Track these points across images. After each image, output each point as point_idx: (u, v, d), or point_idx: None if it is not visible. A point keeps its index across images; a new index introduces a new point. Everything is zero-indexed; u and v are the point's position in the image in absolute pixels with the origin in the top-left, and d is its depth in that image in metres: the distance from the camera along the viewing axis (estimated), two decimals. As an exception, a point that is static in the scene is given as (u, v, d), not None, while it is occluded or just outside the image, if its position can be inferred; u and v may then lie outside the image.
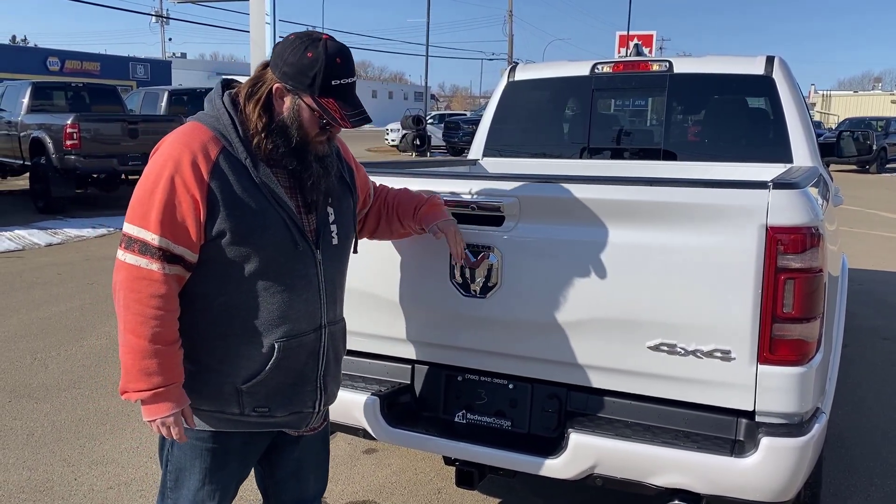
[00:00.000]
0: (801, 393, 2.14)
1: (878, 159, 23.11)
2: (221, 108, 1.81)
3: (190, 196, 1.70)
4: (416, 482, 3.50)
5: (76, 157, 11.28)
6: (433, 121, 31.47)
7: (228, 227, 1.73)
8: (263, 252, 1.78)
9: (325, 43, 1.77)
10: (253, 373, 1.84)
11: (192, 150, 1.72)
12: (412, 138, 27.72)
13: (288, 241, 1.81)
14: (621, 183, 2.25)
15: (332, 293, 1.96)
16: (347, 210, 2.02)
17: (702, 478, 2.16)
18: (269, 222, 1.78)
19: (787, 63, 4.03)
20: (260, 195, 1.77)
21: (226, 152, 1.75)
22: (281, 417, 1.93)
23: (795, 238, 2.06)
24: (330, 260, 1.93)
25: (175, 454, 1.94)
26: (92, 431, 4.03)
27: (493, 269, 2.39)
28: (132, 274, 1.71)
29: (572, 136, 4.54)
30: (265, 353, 1.84)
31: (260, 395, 1.87)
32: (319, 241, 1.90)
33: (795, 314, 2.10)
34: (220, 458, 1.93)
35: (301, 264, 1.85)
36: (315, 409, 1.98)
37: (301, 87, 1.76)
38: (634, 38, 28.42)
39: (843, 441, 3.94)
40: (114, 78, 25.40)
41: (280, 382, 1.88)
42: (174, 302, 1.75)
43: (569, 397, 2.44)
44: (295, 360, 1.89)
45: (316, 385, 1.96)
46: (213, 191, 1.72)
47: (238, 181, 1.75)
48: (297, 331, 1.87)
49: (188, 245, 1.73)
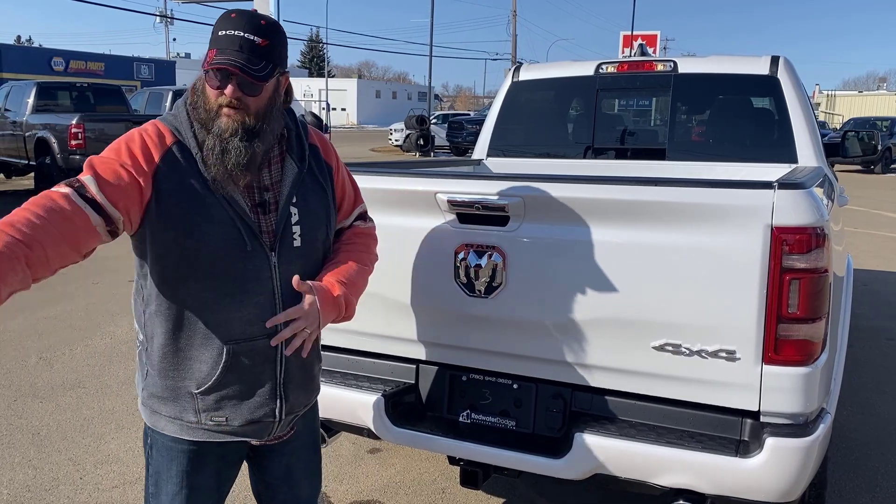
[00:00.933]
0: (807, 393, 2.13)
1: (883, 159, 23.05)
2: (181, 105, 1.80)
3: (136, 162, 1.67)
4: (420, 482, 3.51)
5: (81, 157, 11.29)
6: (437, 121, 31.49)
7: (172, 216, 1.69)
8: (208, 250, 1.72)
9: (238, 9, 1.75)
10: (205, 376, 1.79)
11: (147, 133, 1.72)
12: (416, 138, 27.74)
13: (235, 240, 1.74)
14: (626, 183, 2.25)
15: (293, 297, 1.82)
16: (317, 209, 1.90)
17: (706, 478, 2.16)
18: (214, 218, 1.72)
19: (792, 63, 4.02)
20: (207, 191, 1.72)
21: (179, 144, 1.73)
22: (238, 427, 1.85)
23: (801, 238, 2.06)
24: (290, 262, 1.82)
25: (154, 457, 1.90)
26: (97, 430, 4.04)
27: (498, 270, 2.39)
28: (46, 193, 1.62)
29: (576, 136, 4.53)
30: (215, 356, 1.78)
31: (214, 402, 1.81)
32: (276, 242, 1.80)
33: (801, 314, 2.10)
34: (195, 462, 1.88)
35: (251, 266, 1.76)
36: (275, 417, 1.88)
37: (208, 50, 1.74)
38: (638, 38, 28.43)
39: (847, 442, 3.93)
40: (118, 78, 25.48)
41: (233, 388, 1.81)
42: (51, 215, 1.56)
43: (573, 397, 2.44)
44: (248, 366, 1.81)
45: (275, 393, 1.86)
46: (161, 173, 1.69)
47: (187, 173, 1.72)
48: (248, 335, 1.79)
49: (112, 199, 1.64)
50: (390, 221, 2.54)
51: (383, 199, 2.56)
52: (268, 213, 1.80)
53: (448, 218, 2.47)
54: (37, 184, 12.32)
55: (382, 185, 2.57)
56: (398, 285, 2.57)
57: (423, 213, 2.51)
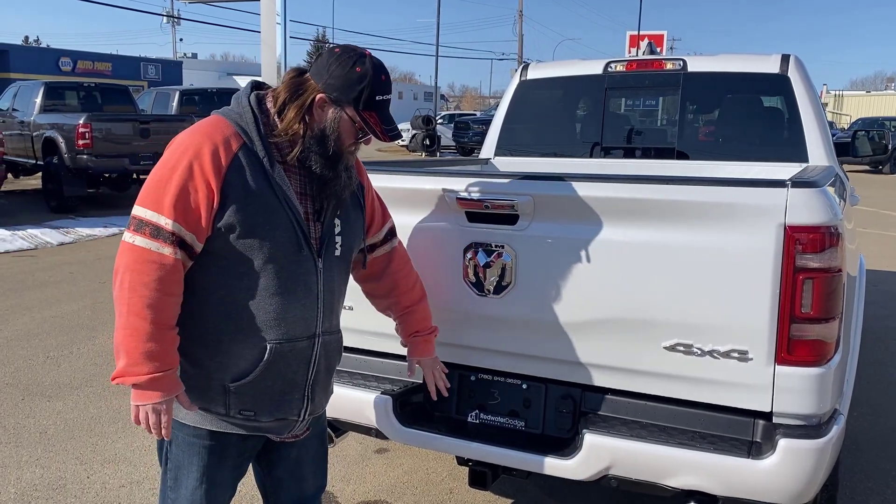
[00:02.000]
0: (820, 394, 2.11)
1: (892, 160, 22.91)
2: (247, 105, 1.84)
3: (206, 184, 1.72)
4: (427, 482, 3.49)
5: (88, 157, 11.33)
6: (443, 121, 31.50)
7: (237, 220, 1.75)
8: (267, 250, 1.79)
9: (372, 60, 1.83)
10: (243, 372, 1.84)
11: (213, 141, 1.75)
12: (422, 138, 27.71)
13: (292, 243, 1.82)
14: (636, 181, 2.22)
15: (330, 303, 1.95)
16: (355, 224, 2.03)
17: (718, 479, 2.13)
18: (277, 222, 1.79)
19: (803, 61, 3.99)
20: (272, 194, 1.79)
21: (246, 147, 1.78)
22: (265, 423, 1.92)
23: (814, 237, 2.04)
24: (331, 270, 1.94)
25: (174, 452, 1.94)
26: (104, 430, 4.04)
27: (507, 269, 2.37)
28: (141, 256, 1.71)
29: (585, 135, 4.51)
30: (257, 353, 1.83)
31: (247, 398, 1.86)
32: (322, 249, 1.90)
33: (814, 314, 2.07)
34: (217, 456, 1.92)
35: (302, 269, 1.86)
36: (300, 417, 1.97)
37: (346, 99, 1.80)
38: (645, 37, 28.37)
39: (859, 444, 3.90)
40: (125, 78, 25.52)
41: (268, 386, 1.87)
42: (179, 287, 1.76)
43: (583, 398, 2.42)
44: (285, 365, 1.88)
45: (304, 393, 1.94)
46: (229, 182, 1.74)
47: (254, 177, 1.77)
48: (292, 335, 1.86)
49: (196, 233, 1.74)
50: (399, 220, 2.51)
51: (392, 198, 2.53)
52: (316, 221, 1.90)
53: (457, 216, 2.46)
54: (44, 183, 12.34)
55: (391, 183, 2.55)
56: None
57: (432, 211, 2.49)
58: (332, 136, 1.83)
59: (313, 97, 1.82)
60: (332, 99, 1.81)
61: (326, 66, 1.81)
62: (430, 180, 2.49)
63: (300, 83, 1.84)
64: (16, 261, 8.42)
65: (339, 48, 1.85)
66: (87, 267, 8.07)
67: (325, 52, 1.87)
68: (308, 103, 1.82)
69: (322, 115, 1.83)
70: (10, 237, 9.55)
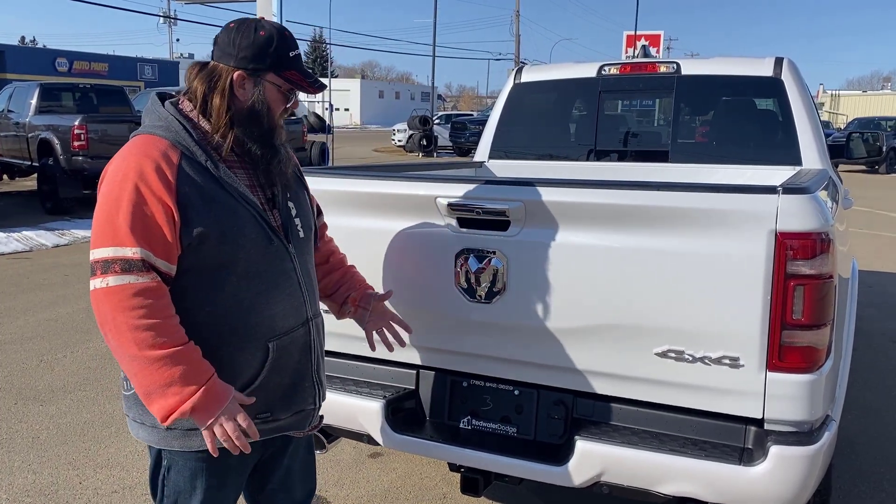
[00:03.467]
0: (811, 400, 2.11)
1: (888, 160, 22.96)
2: (167, 115, 1.76)
3: (160, 203, 1.63)
4: (421, 487, 3.48)
5: (84, 158, 11.30)
6: (440, 121, 31.48)
7: (204, 231, 1.68)
8: (242, 252, 1.74)
9: (268, 22, 1.81)
10: (250, 379, 1.80)
11: (152, 158, 1.66)
12: (419, 139, 27.74)
13: (262, 237, 1.78)
14: (628, 187, 2.22)
15: (310, 285, 1.95)
16: (305, 203, 2.01)
17: (710, 486, 2.13)
18: (241, 221, 1.74)
19: (796, 64, 3.99)
20: (227, 195, 1.73)
21: (185, 157, 1.70)
22: (285, 419, 1.90)
23: (805, 244, 2.03)
24: (301, 253, 1.92)
25: (172, 479, 1.85)
26: (97, 434, 4.03)
27: (499, 275, 2.37)
28: (123, 294, 1.60)
29: (579, 137, 4.50)
30: (260, 356, 1.80)
31: (260, 401, 1.82)
32: (289, 234, 1.88)
33: (805, 321, 2.07)
34: (219, 477, 1.87)
35: (278, 259, 1.83)
36: (316, 404, 1.97)
37: (263, 66, 1.77)
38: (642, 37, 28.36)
39: (852, 446, 3.90)
40: (122, 79, 25.50)
41: (278, 384, 1.85)
42: (172, 307, 1.67)
43: (575, 404, 2.41)
44: (289, 358, 1.86)
45: (313, 380, 1.95)
46: (183, 195, 1.66)
47: (204, 183, 1.70)
48: (288, 327, 1.84)
49: (166, 256, 1.65)
50: (390, 225, 2.52)
51: (384, 203, 2.54)
52: (274, 208, 1.87)
53: (448, 222, 2.45)
54: (39, 185, 12.31)
55: (383, 189, 2.55)
56: (398, 290, 2.54)
57: (424, 217, 2.49)
58: (263, 108, 1.78)
59: (230, 78, 1.76)
60: (249, 72, 1.76)
61: (230, 43, 1.76)
62: (421, 186, 2.49)
63: (211, 72, 1.78)
64: (10, 263, 8.39)
65: (233, 23, 1.80)
66: (82, 269, 8.05)
67: (222, 33, 1.80)
68: (228, 87, 1.76)
69: (245, 93, 1.78)
70: (5, 239, 9.53)
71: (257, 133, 1.79)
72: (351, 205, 2.59)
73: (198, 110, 1.79)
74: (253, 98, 1.78)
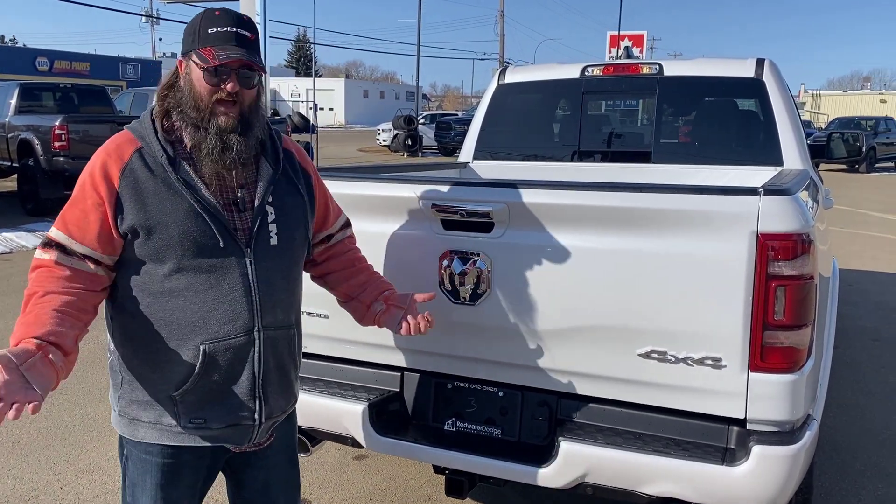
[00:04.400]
0: (793, 400, 2.12)
1: (868, 159, 23.22)
2: (147, 113, 1.84)
3: (96, 194, 1.72)
4: (406, 489, 3.48)
5: (65, 159, 11.18)
6: (425, 121, 31.44)
7: (138, 223, 1.72)
8: (180, 249, 1.73)
9: (212, 8, 1.81)
10: (183, 378, 1.79)
11: (106, 153, 1.76)
12: (403, 138, 27.69)
13: (207, 238, 1.75)
14: (611, 189, 2.22)
15: (270, 295, 1.84)
16: (294, 211, 1.93)
17: (693, 487, 2.14)
18: (183, 219, 1.73)
19: (777, 65, 4.02)
20: (175, 193, 1.73)
21: (140, 152, 1.76)
22: (218, 430, 1.84)
23: (786, 245, 2.05)
24: (267, 260, 1.84)
25: (129, 469, 1.89)
26: (79, 439, 3.99)
27: (483, 277, 2.37)
28: (32, 266, 1.74)
29: (563, 138, 4.52)
30: (192, 357, 1.77)
31: (194, 405, 1.81)
32: (251, 240, 1.81)
33: (786, 321, 2.08)
34: (170, 474, 1.86)
35: (226, 263, 1.77)
36: (255, 421, 1.86)
37: (188, 46, 1.79)
38: (625, 37, 28.46)
39: (834, 444, 3.93)
40: (103, 78, 25.28)
41: (212, 390, 1.81)
42: (65, 287, 1.69)
43: (559, 405, 2.42)
44: (225, 366, 1.80)
45: (253, 395, 1.84)
46: (123, 189, 1.72)
47: (152, 179, 1.74)
48: (224, 333, 1.78)
49: (93, 244, 1.73)
50: (374, 227, 2.51)
51: (368, 205, 2.53)
52: (242, 211, 1.82)
53: (432, 224, 2.44)
54: (20, 186, 12.18)
55: (367, 190, 2.54)
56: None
57: (408, 219, 2.48)
58: (186, 87, 1.77)
59: (176, 69, 1.83)
60: (184, 56, 1.79)
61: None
62: (405, 188, 2.48)
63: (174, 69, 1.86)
64: (-10, 265, 8.29)
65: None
66: (64, 271, 7.96)
67: None
68: (172, 77, 1.82)
69: (182, 80, 1.81)
70: (-15, 241, 9.42)
71: (184, 116, 1.78)
72: (334, 207, 2.57)
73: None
74: (184, 79, 1.80)
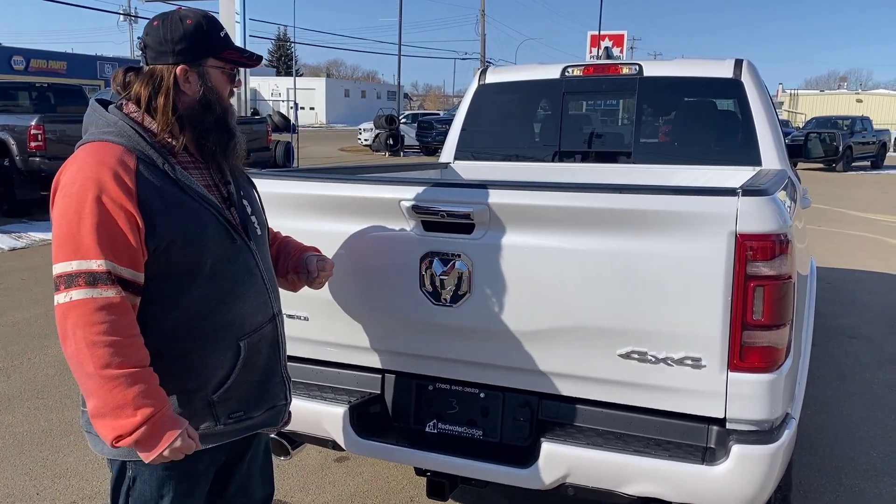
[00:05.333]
0: (772, 400, 2.14)
1: (844, 158, 23.51)
2: (117, 120, 1.72)
3: (123, 211, 1.60)
4: (388, 491, 3.47)
5: (41, 159, 11.03)
6: (406, 120, 31.39)
7: (170, 235, 1.66)
8: (207, 253, 1.73)
9: (188, 9, 1.81)
10: (222, 379, 1.79)
11: (109, 165, 1.62)
12: (385, 138, 27.63)
13: (225, 236, 1.78)
14: (591, 190, 2.23)
15: (272, 281, 1.96)
16: (257, 202, 2.01)
17: (673, 486, 2.15)
18: (204, 221, 1.73)
19: (756, 66, 4.05)
20: (186, 196, 1.71)
21: (142, 161, 1.67)
22: (258, 417, 1.90)
23: (765, 245, 2.06)
24: (261, 249, 1.93)
25: (138, 489, 1.80)
26: (55, 443, 3.93)
27: (464, 278, 2.36)
28: (87, 308, 1.55)
29: (544, 139, 4.53)
30: (231, 356, 1.80)
31: (232, 401, 1.83)
32: (248, 232, 1.87)
33: (765, 321, 2.10)
34: (187, 485, 1.83)
35: (242, 258, 1.83)
36: (286, 399, 1.98)
37: (203, 53, 1.77)
38: (606, 37, 28.58)
39: (812, 441, 3.97)
40: (81, 77, 25.03)
41: (249, 382, 1.85)
42: (136, 326, 1.64)
43: (540, 406, 2.42)
44: (259, 356, 1.87)
45: (282, 375, 1.97)
46: (144, 200, 1.63)
47: (164, 186, 1.68)
48: (257, 325, 1.85)
49: (133, 265, 1.62)
50: (355, 229, 2.50)
51: (348, 206, 2.51)
52: (231, 207, 1.86)
53: (413, 226, 2.44)
54: (-5, 186, 11.99)
55: (347, 192, 2.52)
56: (363, 294, 2.53)
57: (388, 220, 2.47)
58: (213, 96, 1.79)
59: (173, 75, 1.74)
60: (191, 64, 1.76)
61: (162, 40, 1.74)
62: (386, 189, 2.47)
63: (150, 74, 1.76)
64: (-35, 267, 8.16)
65: (156, 20, 1.79)
66: (40, 273, 7.85)
67: (149, 34, 1.77)
68: (172, 85, 1.74)
69: (191, 86, 1.76)
70: (-41, 243, 9.27)
71: (212, 121, 1.79)
72: (315, 208, 2.56)
73: (143, 112, 1.75)
74: (202, 88, 1.77)
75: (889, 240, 10.96)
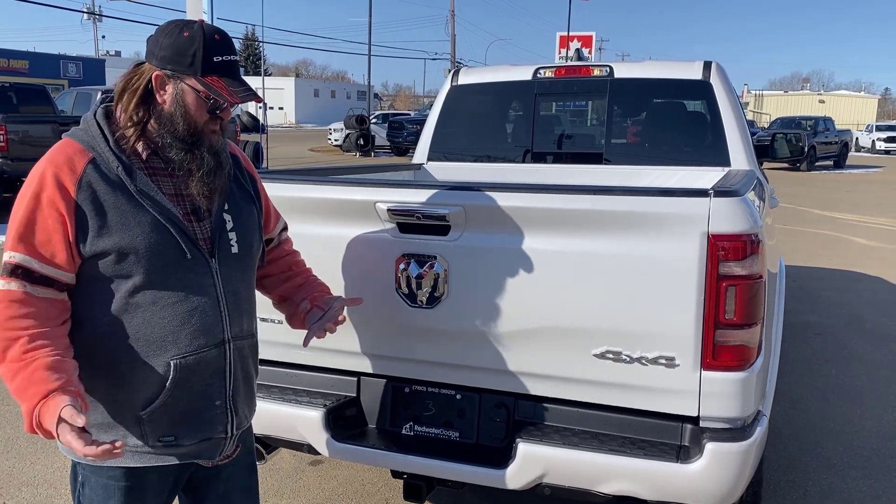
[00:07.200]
0: (744, 398, 2.17)
1: (808, 158, 24.00)
2: (91, 119, 1.73)
3: (56, 212, 1.61)
4: (363, 493, 3.45)
5: (3, 161, 10.80)
6: (377, 120, 31.28)
7: (104, 240, 1.63)
8: (146, 262, 1.67)
9: (201, 23, 1.73)
10: (151, 397, 1.71)
11: (56, 165, 1.64)
12: (356, 138, 27.52)
13: (173, 250, 1.69)
14: (565, 191, 2.24)
15: (237, 305, 1.83)
16: (249, 218, 1.90)
17: (649, 484, 2.17)
18: (148, 232, 1.66)
19: (724, 68, 4.11)
20: (136, 204, 1.66)
21: (94, 163, 1.66)
22: (190, 446, 1.78)
23: (736, 245, 2.09)
24: (230, 269, 1.81)
25: (87, 496, 1.78)
26: (22, 451, 3.85)
27: (440, 280, 2.36)
28: (2, 298, 1.61)
29: (516, 140, 4.55)
30: (161, 374, 1.70)
31: (163, 423, 1.73)
32: (215, 249, 1.77)
33: (737, 320, 2.13)
34: (135, 498, 1.78)
35: (193, 274, 1.73)
36: (227, 433, 1.84)
37: (182, 68, 1.68)
38: (574, 38, 28.79)
39: (780, 438, 4.04)
40: (44, 77, 24.50)
41: (184, 406, 1.74)
42: (45, 323, 1.62)
43: (517, 406, 2.43)
44: (197, 380, 1.75)
45: (225, 407, 1.81)
46: (82, 205, 1.62)
47: (110, 192, 1.65)
48: (195, 347, 1.73)
49: (58, 265, 1.63)
50: (330, 231, 2.49)
51: (323, 209, 2.50)
52: (201, 220, 1.77)
53: (388, 227, 2.43)
54: (-45, 189, 11.70)
55: (321, 194, 2.51)
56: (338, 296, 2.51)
57: (363, 222, 2.46)
58: (178, 111, 1.70)
59: (149, 78, 1.70)
60: (168, 74, 1.69)
61: (156, 42, 1.71)
62: (361, 191, 2.45)
63: (135, 72, 1.73)
64: (-76, 272, 7.95)
65: (169, 22, 1.75)
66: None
67: (154, 31, 1.75)
68: (144, 87, 1.70)
69: (164, 95, 1.71)
70: (-82, 246, 9.02)
71: (175, 138, 1.71)
72: (289, 211, 2.52)
73: (115, 104, 1.74)
74: (174, 102, 1.70)
75: (852, 238, 11.20)
